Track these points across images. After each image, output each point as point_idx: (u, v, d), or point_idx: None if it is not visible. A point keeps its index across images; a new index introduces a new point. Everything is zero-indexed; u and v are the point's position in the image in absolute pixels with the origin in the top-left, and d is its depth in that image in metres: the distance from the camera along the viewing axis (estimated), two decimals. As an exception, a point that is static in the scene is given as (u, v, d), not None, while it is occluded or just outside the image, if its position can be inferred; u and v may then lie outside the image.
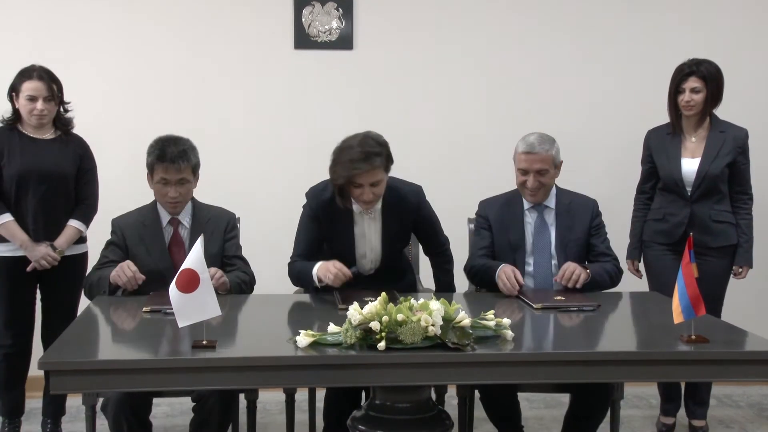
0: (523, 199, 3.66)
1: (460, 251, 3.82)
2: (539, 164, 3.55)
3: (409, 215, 3.58)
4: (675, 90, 3.99)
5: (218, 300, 2.53)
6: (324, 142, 3.60)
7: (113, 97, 4.76)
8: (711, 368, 2.58)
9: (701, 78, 3.93)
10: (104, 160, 4.13)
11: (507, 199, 3.72)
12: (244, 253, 3.69)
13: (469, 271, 3.68)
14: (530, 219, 3.66)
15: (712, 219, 3.97)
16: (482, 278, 3.57)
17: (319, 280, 3.37)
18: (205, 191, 3.71)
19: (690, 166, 3.98)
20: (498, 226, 3.67)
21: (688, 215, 3.97)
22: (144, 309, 3.06)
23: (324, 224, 3.53)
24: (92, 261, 3.79)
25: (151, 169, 3.50)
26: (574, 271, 3.39)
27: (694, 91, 3.93)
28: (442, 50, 4.89)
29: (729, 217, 4.00)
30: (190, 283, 2.48)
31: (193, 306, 2.49)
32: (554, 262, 3.60)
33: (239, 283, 3.49)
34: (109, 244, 3.57)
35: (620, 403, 3.41)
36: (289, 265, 3.57)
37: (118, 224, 3.59)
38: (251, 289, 3.58)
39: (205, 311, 2.50)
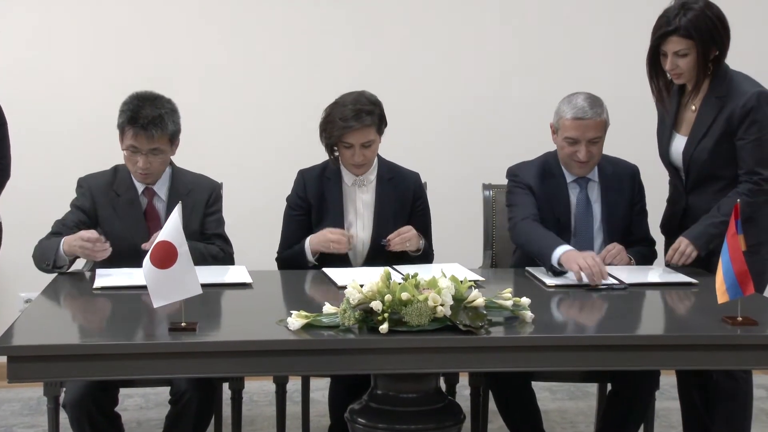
0: (564, 171, 3.55)
1: (474, 222, 3.82)
2: (593, 132, 3.42)
3: (407, 195, 3.64)
4: (655, 49, 3.36)
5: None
6: (319, 95, 3.61)
7: (65, 41, 4.69)
8: (760, 354, 2.60)
9: (686, 37, 3.26)
10: (53, 120, 4.10)
11: (542, 167, 3.58)
12: (229, 224, 3.69)
13: (521, 231, 3.45)
14: (573, 195, 3.56)
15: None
16: (529, 246, 3.42)
17: (314, 255, 3.47)
18: (183, 153, 3.69)
19: (679, 146, 3.46)
20: (542, 199, 3.53)
21: (683, 208, 3.48)
22: (94, 287, 3.07)
23: (313, 201, 3.59)
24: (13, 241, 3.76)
25: (121, 131, 3.42)
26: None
27: (678, 54, 3.30)
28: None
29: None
30: (167, 257, 2.48)
31: (170, 283, 2.49)
32: (596, 245, 3.52)
33: (203, 254, 3.39)
34: (73, 205, 3.49)
35: (655, 394, 3.42)
36: (277, 259, 3.64)
37: (87, 184, 3.50)
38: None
39: (183, 289, 2.50)
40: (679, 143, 3.47)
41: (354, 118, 3.43)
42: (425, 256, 3.57)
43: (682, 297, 3.16)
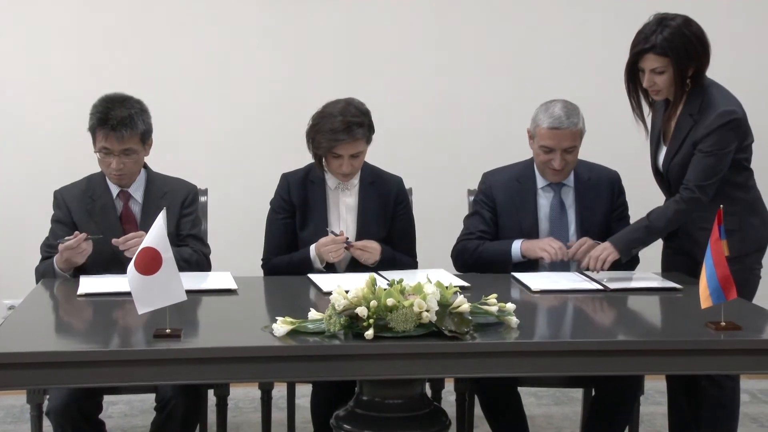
0: (537, 176, 3.60)
1: (459, 228, 3.83)
2: (568, 142, 3.47)
3: (389, 198, 3.66)
4: (633, 65, 3.38)
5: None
6: (304, 99, 3.61)
7: (58, 43, 4.70)
8: (744, 359, 2.61)
9: (662, 55, 3.27)
10: (33, 129, 4.07)
11: (517, 174, 3.65)
12: (212, 229, 3.69)
13: (462, 251, 3.63)
14: (545, 200, 3.60)
15: (698, 225, 3.35)
16: (482, 257, 3.56)
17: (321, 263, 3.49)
18: (168, 158, 3.69)
19: (662, 157, 3.49)
20: (507, 208, 3.61)
21: None
22: (78, 293, 3.06)
23: (296, 203, 3.60)
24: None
25: (92, 133, 3.43)
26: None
27: (655, 72, 3.31)
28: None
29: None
30: (152, 263, 2.49)
31: (154, 290, 2.49)
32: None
33: (177, 260, 3.40)
34: (53, 221, 3.51)
35: (640, 398, 3.44)
36: (264, 266, 3.64)
37: (62, 197, 3.52)
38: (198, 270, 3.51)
39: (168, 296, 2.51)
40: (662, 154, 3.49)
41: (345, 131, 3.43)
42: (388, 263, 3.55)
43: (666, 302, 3.18)
